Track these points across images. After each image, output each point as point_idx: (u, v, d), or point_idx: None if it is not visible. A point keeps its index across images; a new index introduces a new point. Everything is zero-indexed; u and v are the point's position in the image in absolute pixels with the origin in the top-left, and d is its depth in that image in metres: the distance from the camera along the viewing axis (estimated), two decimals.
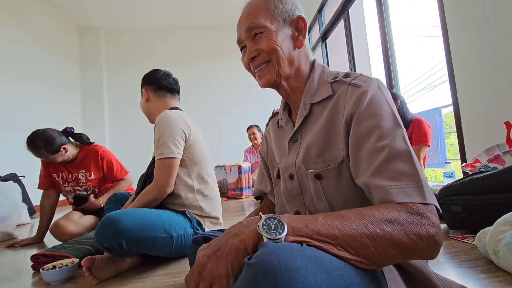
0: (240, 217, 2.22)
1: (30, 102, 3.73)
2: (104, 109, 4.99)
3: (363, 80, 0.57)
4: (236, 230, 0.46)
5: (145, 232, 1.04)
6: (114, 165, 1.86)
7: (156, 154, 1.21)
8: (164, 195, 1.19)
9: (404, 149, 0.49)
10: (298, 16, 0.64)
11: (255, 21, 0.61)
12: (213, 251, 0.45)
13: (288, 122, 0.69)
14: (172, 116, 1.24)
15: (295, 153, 0.64)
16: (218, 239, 0.47)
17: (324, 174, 0.58)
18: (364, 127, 0.52)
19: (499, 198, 1.08)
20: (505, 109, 1.59)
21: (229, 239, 0.45)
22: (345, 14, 3.51)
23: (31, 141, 1.66)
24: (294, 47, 0.64)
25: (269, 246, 0.39)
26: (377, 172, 0.48)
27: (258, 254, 0.39)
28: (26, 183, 3.05)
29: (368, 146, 0.51)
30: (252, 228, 0.44)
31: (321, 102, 0.62)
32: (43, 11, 4.17)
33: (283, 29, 0.62)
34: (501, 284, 0.78)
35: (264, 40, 0.61)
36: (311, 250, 0.40)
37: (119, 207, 1.41)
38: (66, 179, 1.83)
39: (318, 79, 0.64)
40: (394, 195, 0.45)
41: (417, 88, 5.70)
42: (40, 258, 1.23)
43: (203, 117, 5.13)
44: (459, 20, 1.85)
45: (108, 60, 5.13)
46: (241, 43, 0.67)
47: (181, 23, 5.22)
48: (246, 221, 0.47)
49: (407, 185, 0.46)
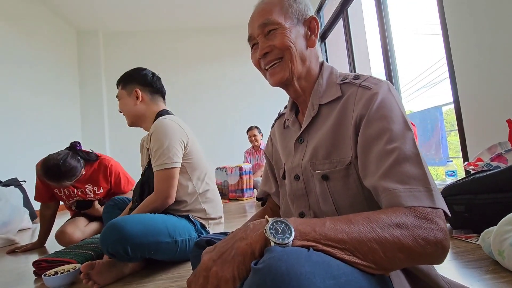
0: (242, 219, 2.21)
1: (30, 107, 3.73)
2: (104, 112, 4.99)
3: (373, 82, 0.56)
4: (242, 234, 0.45)
5: (150, 238, 1.04)
6: (122, 179, 1.85)
7: (155, 165, 1.19)
8: (165, 205, 1.19)
9: (413, 153, 0.49)
10: (311, 16, 0.64)
11: (269, 17, 0.61)
12: (219, 255, 0.44)
13: (294, 123, 0.69)
14: (168, 124, 1.22)
15: (301, 154, 0.64)
16: (223, 242, 0.46)
17: (331, 175, 0.58)
18: (374, 129, 0.52)
19: (503, 197, 1.07)
20: (506, 106, 1.58)
21: (235, 243, 0.44)
22: (344, 13, 3.51)
23: (54, 174, 1.52)
24: (307, 47, 0.64)
25: (276, 251, 0.39)
26: (386, 175, 0.48)
27: (265, 259, 0.38)
28: (27, 187, 3.05)
29: (378, 149, 0.51)
30: (259, 232, 0.43)
31: (329, 104, 0.62)
32: (41, 15, 4.17)
33: (296, 27, 0.62)
34: (506, 285, 0.78)
35: (278, 36, 0.61)
36: (319, 255, 0.40)
37: (117, 212, 1.40)
38: (69, 195, 1.76)
39: (326, 80, 0.64)
40: (403, 198, 0.45)
41: (417, 86, 5.70)
42: (42, 264, 1.23)
43: (202, 120, 5.13)
44: (459, 17, 1.84)
45: (107, 63, 5.13)
46: (252, 40, 0.66)
47: (180, 25, 5.22)
48: (252, 225, 0.46)
49: (416, 189, 0.46)
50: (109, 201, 1.49)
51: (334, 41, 4.24)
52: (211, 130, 5.14)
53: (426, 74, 6.56)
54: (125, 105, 1.31)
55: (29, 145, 3.57)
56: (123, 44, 5.23)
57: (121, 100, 1.33)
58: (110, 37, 5.20)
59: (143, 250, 1.04)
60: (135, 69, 1.36)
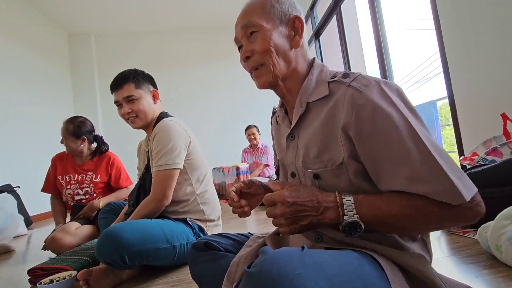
0: (240, 220, 2.20)
1: (22, 111, 3.67)
2: (98, 114, 4.94)
3: (363, 84, 0.54)
4: (320, 208, 0.51)
5: (148, 245, 1.03)
6: (122, 174, 1.94)
7: (156, 165, 1.17)
8: (162, 207, 1.17)
9: (426, 150, 0.48)
10: (294, 16, 0.63)
11: (250, 19, 0.62)
12: (293, 213, 0.50)
13: (284, 119, 0.69)
14: (173, 126, 1.21)
15: (293, 151, 0.64)
16: (303, 203, 0.51)
17: (322, 174, 0.58)
18: (377, 141, 0.51)
19: (499, 192, 1.08)
20: (500, 100, 1.59)
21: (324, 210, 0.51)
22: (337, 10, 3.50)
23: (72, 117, 1.90)
24: (291, 47, 0.63)
25: (268, 254, 0.39)
26: (405, 183, 0.49)
27: (258, 263, 0.38)
28: (21, 193, 3.01)
29: (389, 157, 0.50)
30: (331, 217, 0.51)
31: (318, 101, 0.61)
32: (31, 18, 4.10)
33: (278, 28, 0.62)
34: (504, 279, 0.78)
35: (258, 40, 0.61)
36: (311, 256, 0.40)
37: (113, 217, 1.39)
38: (69, 181, 1.86)
39: (316, 78, 0.63)
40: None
41: (412, 81, 5.72)
42: (37, 272, 1.21)
43: (197, 120, 5.10)
44: (451, 12, 1.84)
45: (100, 65, 5.07)
46: (238, 42, 0.67)
47: (172, 26, 5.17)
48: (322, 199, 0.52)
49: (442, 191, 0.46)
50: (105, 206, 1.47)
51: (328, 38, 4.24)
52: (207, 130, 5.11)
53: (419, 69, 6.59)
54: (145, 105, 1.24)
55: (22, 150, 3.51)
56: (115, 45, 5.18)
57: (140, 100, 1.23)
58: (102, 38, 5.14)
59: (141, 258, 1.02)
60: (136, 70, 1.30)
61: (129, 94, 1.22)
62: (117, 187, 1.93)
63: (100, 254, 0.99)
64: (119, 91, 1.23)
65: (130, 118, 1.24)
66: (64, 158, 1.92)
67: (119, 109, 1.26)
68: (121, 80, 1.24)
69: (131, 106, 1.22)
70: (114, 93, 1.25)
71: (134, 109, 1.22)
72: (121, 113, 1.25)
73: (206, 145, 5.20)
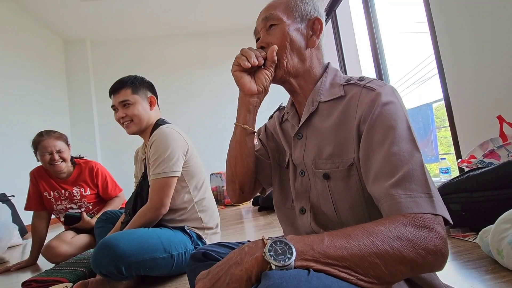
0: (239, 225, 2.18)
1: (17, 119, 3.63)
2: (94, 121, 4.90)
3: (378, 84, 0.56)
4: (237, 258, 0.42)
5: (145, 255, 1.01)
6: (109, 182, 1.87)
7: (153, 173, 1.16)
8: (159, 216, 1.15)
9: (415, 158, 0.48)
10: (315, 17, 0.65)
11: (272, 12, 0.63)
12: (212, 282, 0.42)
13: (294, 117, 0.69)
14: (170, 133, 1.20)
15: (301, 149, 0.64)
16: (217, 268, 0.44)
17: (333, 175, 0.57)
18: (377, 134, 0.51)
19: (498, 195, 1.07)
20: (496, 102, 1.60)
21: (230, 268, 0.42)
22: (333, 14, 3.53)
23: (47, 131, 1.86)
24: (306, 46, 0.64)
25: (274, 278, 0.36)
26: (386, 181, 0.48)
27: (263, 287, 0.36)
28: (16, 202, 2.96)
29: (380, 154, 0.50)
30: (255, 256, 0.41)
31: (330, 102, 0.61)
32: (26, 25, 4.08)
33: (297, 25, 0.63)
34: (507, 284, 0.77)
35: (276, 33, 0.62)
36: (319, 279, 0.38)
37: (109, 226, 1.36)
38: (59, 197, 1.79)
39: (330, 81, 0.64)
40: (403, 204, 0.44)
41: (407, 83, 5.75)
42: (31, 285, 1.18)
43: (193, 126, 5.07)
44: (445, 14, 1.86)
45: (96, 72, 5.04)
46: (256, 33, 0.68)
47: (169, 32, 5.17)
48: (247, 247, 0.43)
49: (417, 194, 0.45)
50: (101, 215, 1.44)
51: (324, 42, 4.25)
52: (203, 136, 5.09)
53: (414, 72, 6.65)
54: (140, 110, 1.24)
55: (17, 159, 3.46)
56: (111, 52, 5.16)
57: (135, 105, 1.23)
58: (98, 45, 5.12)
59: (138, 268, 1.00)
60: (136, 76, 1.30)
61: (124, 98, 1.23)
62: (107, 198, 1.87)
63: (96, 265, 0.96)
64: (116, 96, 1.25)
65: (125, 123, 1.25)
66: (45, 175, 1.80)
67: (115, 113, 1.27)
68: (118, 85, 1.26)
69: (126, 111, 1.23)
70: (112, 97, 1.27)
71: (128, 113, 1.23)
72: (116, 117, 1.26)
73: (202, 150, 5.18)
